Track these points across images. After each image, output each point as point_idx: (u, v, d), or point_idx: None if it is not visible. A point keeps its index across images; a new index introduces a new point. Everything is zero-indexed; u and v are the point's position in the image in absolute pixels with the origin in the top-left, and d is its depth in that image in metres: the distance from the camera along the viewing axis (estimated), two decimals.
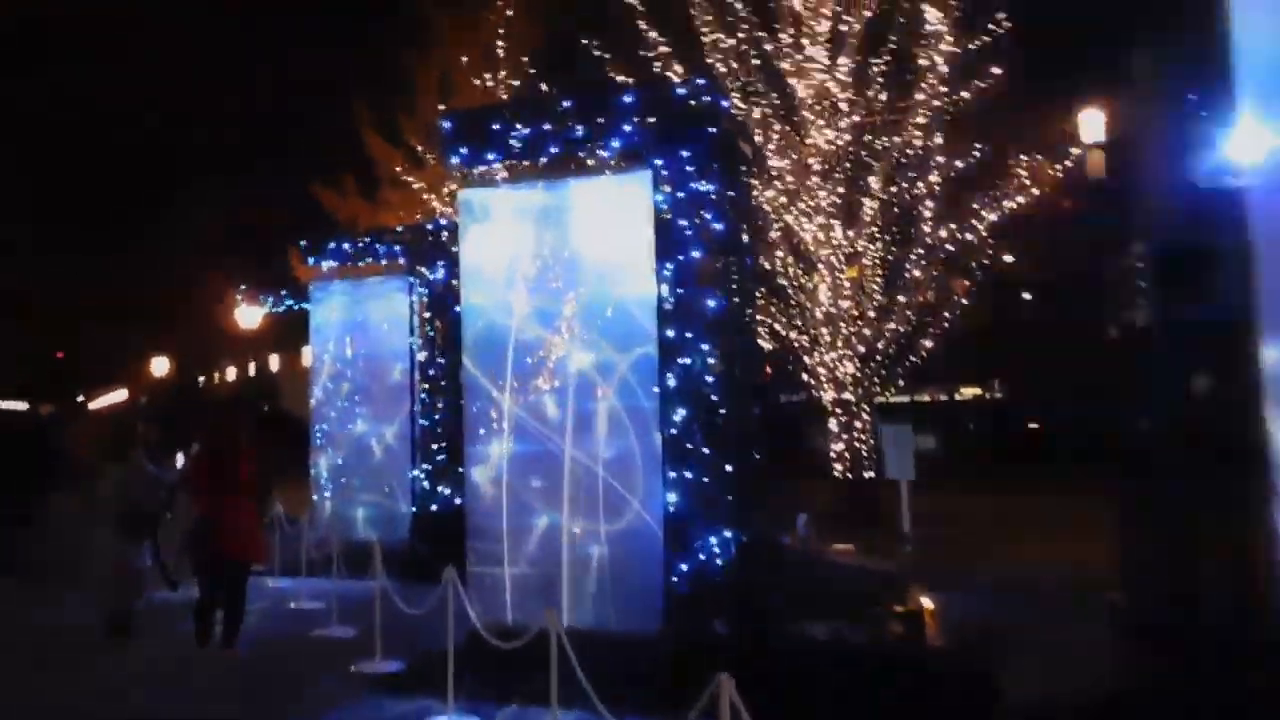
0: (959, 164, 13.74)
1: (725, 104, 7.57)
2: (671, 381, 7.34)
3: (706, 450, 7.18)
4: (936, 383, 31.84)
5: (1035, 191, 14.28)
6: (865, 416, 14.75)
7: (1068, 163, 14.41)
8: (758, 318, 12.24)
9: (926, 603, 7.28)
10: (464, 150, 8.14)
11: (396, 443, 13.04)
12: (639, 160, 7.52)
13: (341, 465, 13.40)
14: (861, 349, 14.51)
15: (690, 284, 7.30)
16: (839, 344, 14.40)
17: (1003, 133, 13.90)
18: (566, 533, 7.65)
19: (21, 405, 41.03)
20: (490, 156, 8.14)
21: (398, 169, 22.03)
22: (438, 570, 10.58)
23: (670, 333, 7.25)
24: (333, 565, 10.05)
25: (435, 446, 12.90)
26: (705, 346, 7.30)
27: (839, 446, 14.70)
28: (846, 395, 14.55)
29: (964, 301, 14.33)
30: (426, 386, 12.98)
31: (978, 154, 13.59)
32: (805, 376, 14.97)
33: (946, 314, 14.40)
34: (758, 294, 11.04)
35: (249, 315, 23.96)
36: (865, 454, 14.76)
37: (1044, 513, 14.15)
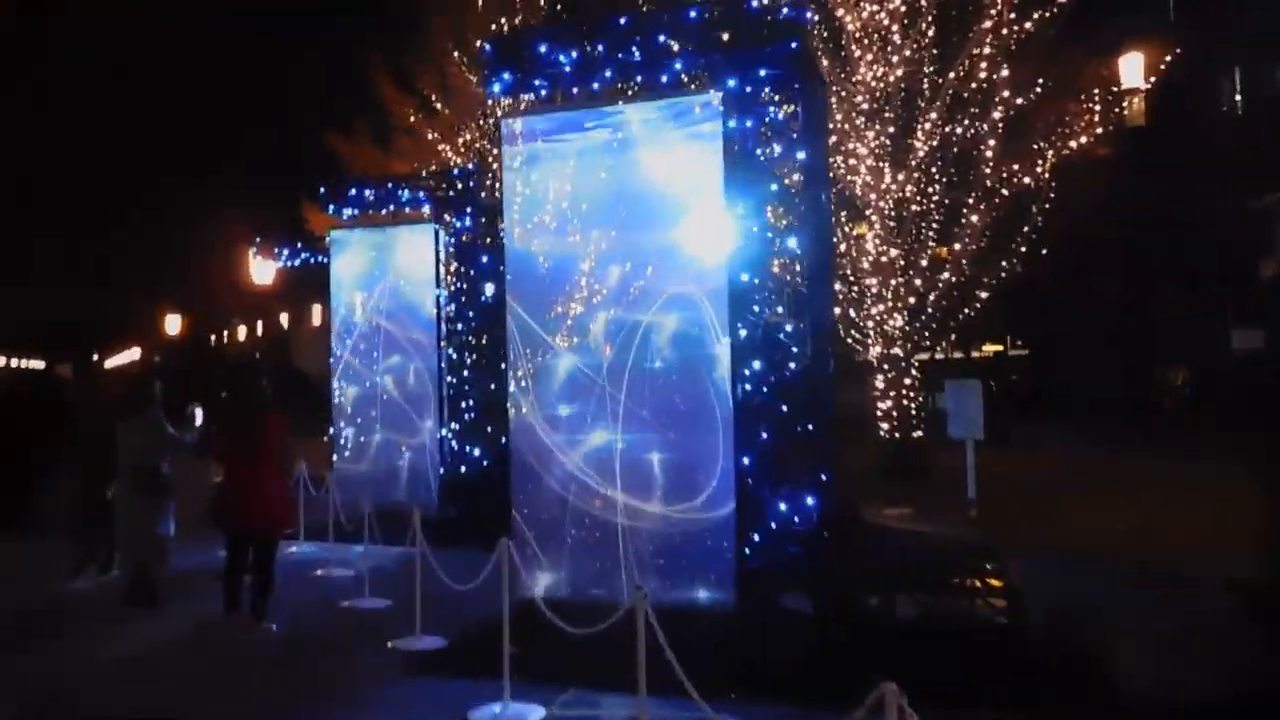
0: (1021, 100, 12.76)
1: (808, 16, 6.73)
2: (743, 331, 6.60)
3: (784, 407, 6.46)
4: (980, 338, 30.72)
5: (1099, 130, 13.41)
6: (914, 373, 14.00)
7: (1123, 107, 13.50)
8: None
9: (1020, 578, 6.57)
10: (507, 76, 7.35)
11: (423, 401, 12.34)
12: (707, 83, 6.72)
13: (363, 424, 12.73)
14: (912, 301, 13.70)
15: (766, 222, 6.52)
16: (888, 296, 13.59)
17: (1066, 67, 12.97)
18: (623, 498, 6.96)
19: (39, 364, 40.61)
20: (537, 83, 7.35)
21: (412, 118, 21.19)
22: (468, 535, 9.97)
23: (743, 276, 6.49)
24: (362, 530, 9.42)
25: (464, 404, 12.21)
26: (782, 292, 6.54)
27: (886, 404, 13.95)
28: (895, 350, 13.77)
29: (1023, 249, 13.47)
30: (454, 341, 12.25)
31: (1040, 89, 12.62)
32: (850, 330, 14.20)
33: (1004, 263, 13.56)
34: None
35: (263, 270, 23.29)
36: (914, 412, 14.04)
37: (1109, 474, 13.42)
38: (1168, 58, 14.46)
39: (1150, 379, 27.16)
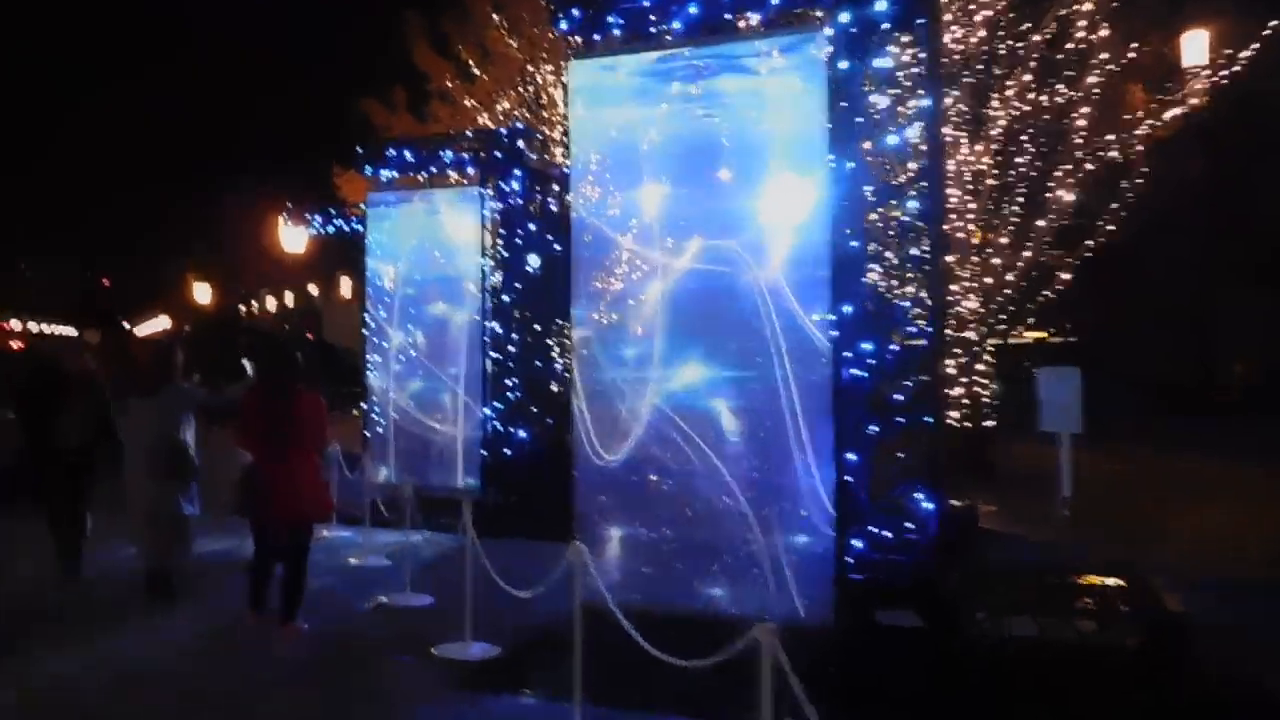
0: (1124, 61, 11.63)
1: None
2: (848, 307, 5.71)
3: (898, 396, 5.58)
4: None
5: (1194, 101, 12.33)
6: (987, 358, 13.04)
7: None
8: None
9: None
10: (576, 12, 6.46)
11: (465, 378, 11.50)
12: (812, 20, 5.79)
13: (399, 402, 11.91)
14: (989, 281, 12.71)
15: (877, 180, 5.61)
16: (965, 276, 12.60)
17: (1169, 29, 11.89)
18: (704, 495, 6.10)
19: (71, 332, 40.30)
20: (610, 20, 6.44)
21: (450, 84, 20.34)
22: (515, 523, 9.15)
23: (853, 243, 5.60)
24: (399, 515, 8.66)
25: (509, 382, 11.36)
26: (894, 261, 5.65)
27: (956, 391, 12.98)
28: (968, 334, 12.80)
29: (1111, 228, 12.43)
30: (499, 314, 11.40)
31: (1144, 49, 11.50)
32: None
33: (1090, 242, 12.54)
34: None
35: (294, 238, 22.57)
36: (987, 400, 13.09)
37: (1197, 472, 12.41)
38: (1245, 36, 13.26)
39: (1212, 371, 25.98)
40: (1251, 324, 24.27)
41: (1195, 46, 12.88)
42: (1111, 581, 5.66)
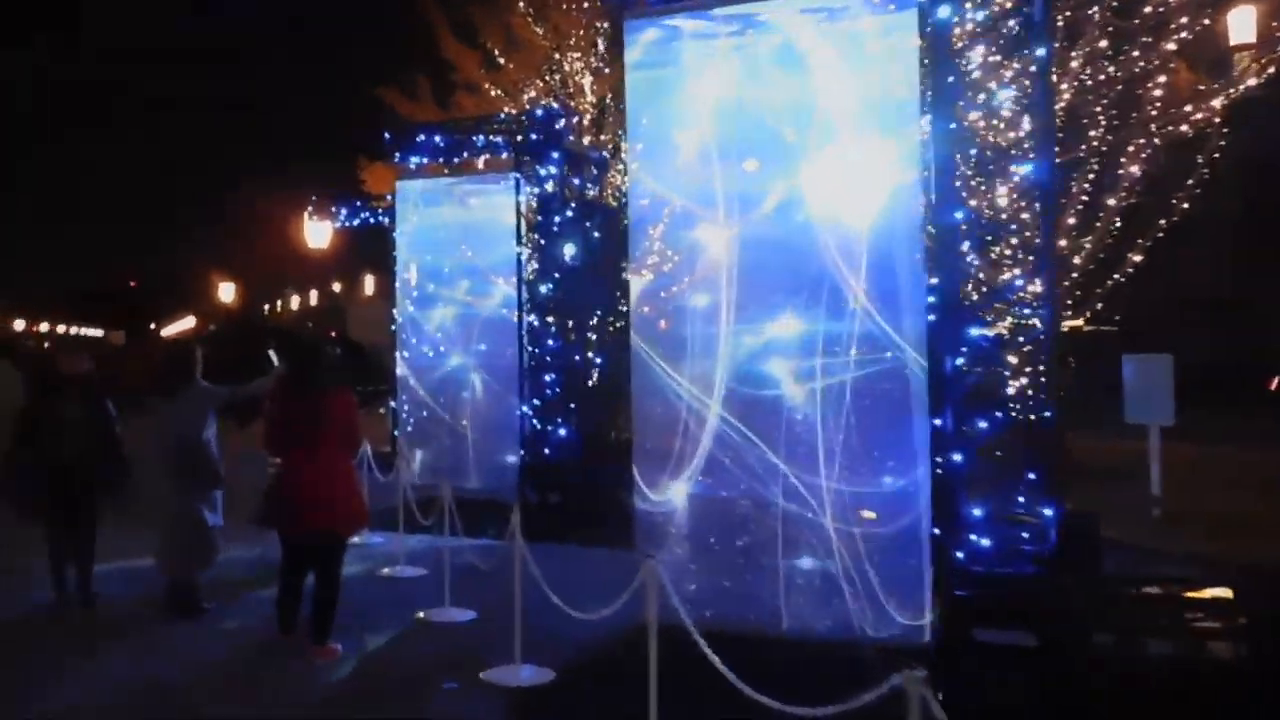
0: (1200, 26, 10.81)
1: None
2: (948, 286, 5.04)
3: (1007, 389, 4.92)
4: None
5: (1252, 82, 11.50)
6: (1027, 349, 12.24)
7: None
8: None
9: None
10: None
11: (500, 374, 10.91)
12: None
13: (430, 401, 11.34)
14: (1027, 267, 11.89)
15: (981, 144, 4.94)
16: (1029, 259, 11.80)
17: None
18: (784, 503, 5.45)
19: (96, 332, 40.16)
20: None
21: (476, 73, 19.86)
22: (555, 527, 8.47)
23: (957, 214, 4.93)
24: (436, 521, 8.04)
25: (547, 378, 10.74)
26: (1003, 235, 4.98)
27: (1021, 382, 12.20)
28: (1034, 321, 12.00)
29: (1184, 206, 11.63)
30: (536, 307, 10.78)
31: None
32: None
33: (1163, 221, 11.74)
34: None
35: (319, 232, 22.05)
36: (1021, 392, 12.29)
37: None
38: None
39: (1260, 362, 25.01)
40: None
41: (1243, 25, 12.07)
42: (1246, 596, 4.97)
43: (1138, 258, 12.03)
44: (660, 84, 5.84)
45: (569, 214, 10.78)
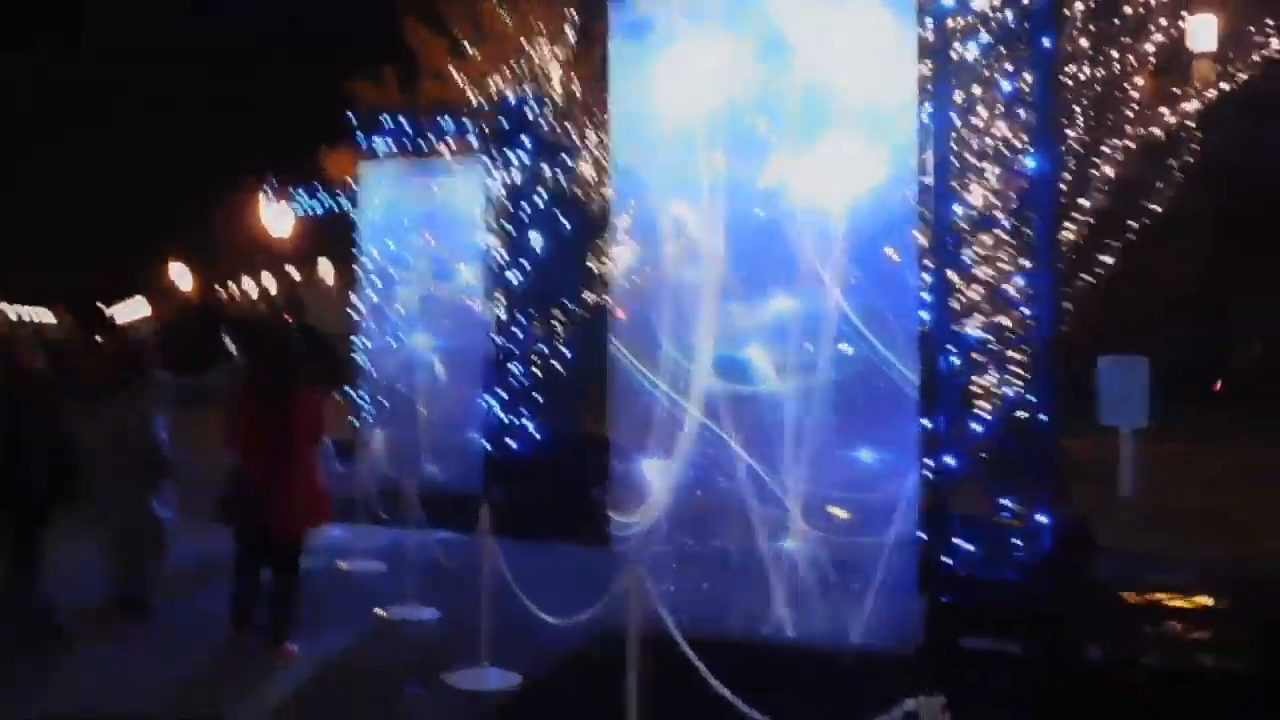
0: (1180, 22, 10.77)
1: None
2: (944, 283, 4.86)
3: (1007, 391, 4.76)
4: None
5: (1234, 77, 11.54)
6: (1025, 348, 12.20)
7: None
8: None
9: None
10: None
11: (465, 365, 10.61)
12: None
13: (393, 390, 11.01)
14: (1027, 264, 11.85)
15: (984, 135, 4.77)
16: (1002, 258, 11.75)
17: None
18: (769, 505, 5.25)
19: (48, 317, 38.78)
20: None
21: (443, 62, 19.60)
22: (518, 521, 8.22)
23: (957, 208, 4.75)
24: (396, 513, 7.78)
25: (514, 369, 10.46)
26: (1002, 229, 4.83)
27: (987, 382, 12.14)
28: (1002, 319, 11.94)
29: (1159, 209, 11.63)
30: (504, 296, 10.51)
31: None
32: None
33: (1133, 222, 11.73)
34: None
35: (278, 218, 21.59)
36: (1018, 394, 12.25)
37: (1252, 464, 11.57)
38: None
39: (1226, 356, 25.30)
40: (1266, 309, 23.58)
41: (1203, 32, 12.07)
42: (1244, 602, 4.87)
43: (1109, 260, 12.00)
44: (644, 65, 5.59)
45: (539, 202, 10.53)
